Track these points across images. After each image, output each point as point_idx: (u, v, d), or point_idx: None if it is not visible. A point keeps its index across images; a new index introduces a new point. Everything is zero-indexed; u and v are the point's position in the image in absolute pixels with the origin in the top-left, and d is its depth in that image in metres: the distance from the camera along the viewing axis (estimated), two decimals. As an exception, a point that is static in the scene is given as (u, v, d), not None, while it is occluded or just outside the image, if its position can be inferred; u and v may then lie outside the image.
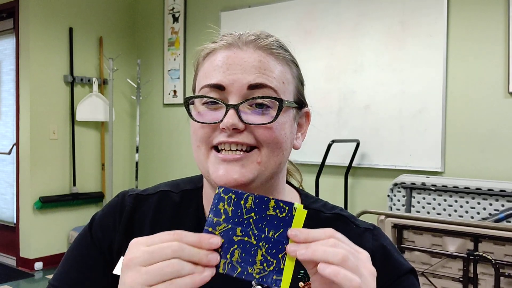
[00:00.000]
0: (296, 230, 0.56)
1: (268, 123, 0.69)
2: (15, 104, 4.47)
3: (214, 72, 0.70)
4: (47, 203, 4.36)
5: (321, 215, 0.80)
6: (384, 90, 3.49)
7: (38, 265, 4.37)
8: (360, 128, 3.59)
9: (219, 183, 0.69)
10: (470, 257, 2.31)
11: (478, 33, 3.15)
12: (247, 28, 0.77)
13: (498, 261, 2.25)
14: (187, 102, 0.73)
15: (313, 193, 3.50)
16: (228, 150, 0.69)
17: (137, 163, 4.95)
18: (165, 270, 0.53)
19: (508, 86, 3.04)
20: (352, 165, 3.56)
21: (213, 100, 0.70)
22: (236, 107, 0.68)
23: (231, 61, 0.70)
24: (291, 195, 0.82)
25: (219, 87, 0.69)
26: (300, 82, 0.77)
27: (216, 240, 0.56)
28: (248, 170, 0.69)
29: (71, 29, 4.56)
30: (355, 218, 0.82)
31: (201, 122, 0.70)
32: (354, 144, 3.52)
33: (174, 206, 0.82)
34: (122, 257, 0.70)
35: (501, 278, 2.26)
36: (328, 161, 3.37)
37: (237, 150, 0.69)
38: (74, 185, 4.57)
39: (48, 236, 4.43)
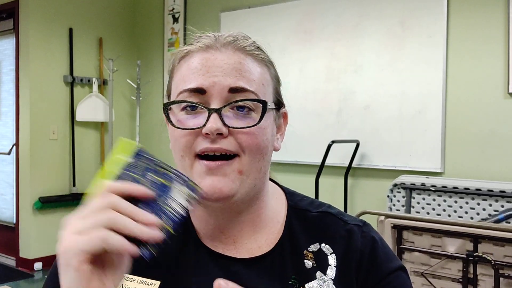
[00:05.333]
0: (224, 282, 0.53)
1: (253, 125, 0.68)
2: (15, 104, 4.47)
3: (193, 75, 0.69)
4: (47, 203, 4.36)
5: (308, 214, 0.78)
6: (384, 90, 3.49)
7: (38, 266, 4.37)
8: (360, 128, 3.59)
9: (207, 192, 0.67)
10: (470, 258, 2.31)
11: (478, 34, 3.15)
12: (247, 28, 0.76)
13: (497, 262, 2.25)
14: (167, 108, 0.70)
15: (313, 194, 3.48)
16: (212, 156, 0.68)
17: (137, 163, 4.95)
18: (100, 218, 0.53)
19: (508, 86, 3.04)
20: (352, 165, 3.56)
21: (194, 104, 0.68)
22: (219, 111, 0.66)
23: (210, 63, 0.68)
24: (276, 195, 0.81)
25: (199, 91, 0.67)
26: (277, 82, 0.76)
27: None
28: (230, 180, 0.68)
29: (71, 30, 4.56)
30: (343, 214, 0.80)
31: (182, 128, 0.68)
32: (354, 144, 3.52)
33: None
34: None
35: (501, 279, 2.25)
36: (328, 162, 3.37)
37: (221, 155, 0.67)
38: (74, 185, 4.57)
39: (47, 236, 4.42)
